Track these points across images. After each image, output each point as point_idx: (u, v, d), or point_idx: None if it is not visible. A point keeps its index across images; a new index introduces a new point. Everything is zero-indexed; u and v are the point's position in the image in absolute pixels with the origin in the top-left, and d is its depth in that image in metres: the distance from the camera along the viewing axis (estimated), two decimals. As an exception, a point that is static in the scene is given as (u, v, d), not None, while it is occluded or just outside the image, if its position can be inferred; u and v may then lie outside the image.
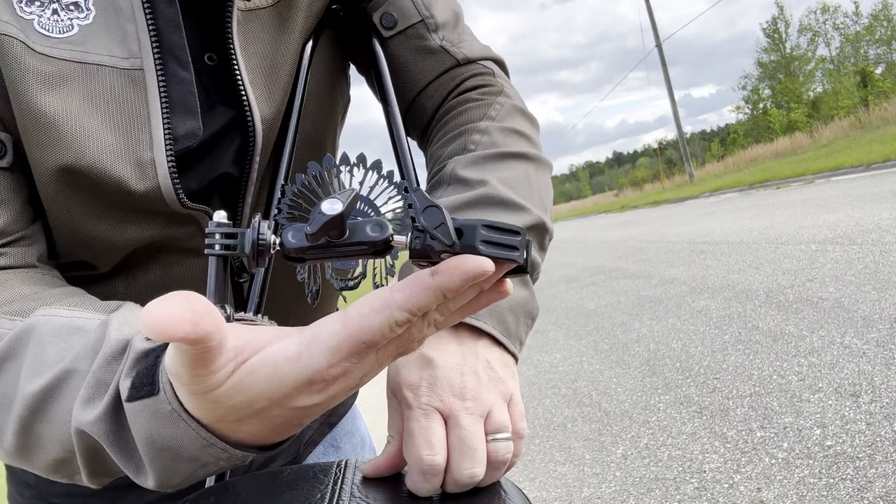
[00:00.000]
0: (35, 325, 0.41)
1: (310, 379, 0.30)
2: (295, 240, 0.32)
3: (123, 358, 0.36)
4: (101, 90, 0.51)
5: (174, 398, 0.33)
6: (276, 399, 0.31)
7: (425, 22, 0.66)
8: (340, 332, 0.30)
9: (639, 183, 52.43)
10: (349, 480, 0.45)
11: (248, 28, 0.59)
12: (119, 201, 0.53)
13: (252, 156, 0.59)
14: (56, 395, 0.38)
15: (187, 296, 0.26)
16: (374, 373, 0.33)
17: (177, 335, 0.25)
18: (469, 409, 0.42)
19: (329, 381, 0.31)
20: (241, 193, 0.61)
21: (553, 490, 2.40)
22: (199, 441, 0.33)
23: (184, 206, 0.54)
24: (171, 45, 0.54)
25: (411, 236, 0.32)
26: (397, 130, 0.64)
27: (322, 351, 0.30)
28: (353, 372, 0.31)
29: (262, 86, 0.59)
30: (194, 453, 0.34)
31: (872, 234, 4.86)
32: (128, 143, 0.52)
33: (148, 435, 0.34)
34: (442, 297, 0.30)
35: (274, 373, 0.30)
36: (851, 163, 11.80)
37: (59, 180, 0.51)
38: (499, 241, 0.31)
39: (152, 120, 0.52)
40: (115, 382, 0.35)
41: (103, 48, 0.51)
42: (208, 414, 0.32)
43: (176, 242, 0.59)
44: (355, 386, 0.33)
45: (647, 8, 28.76)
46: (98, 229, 0.55)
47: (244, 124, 0.58)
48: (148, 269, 0.60)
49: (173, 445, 0.34)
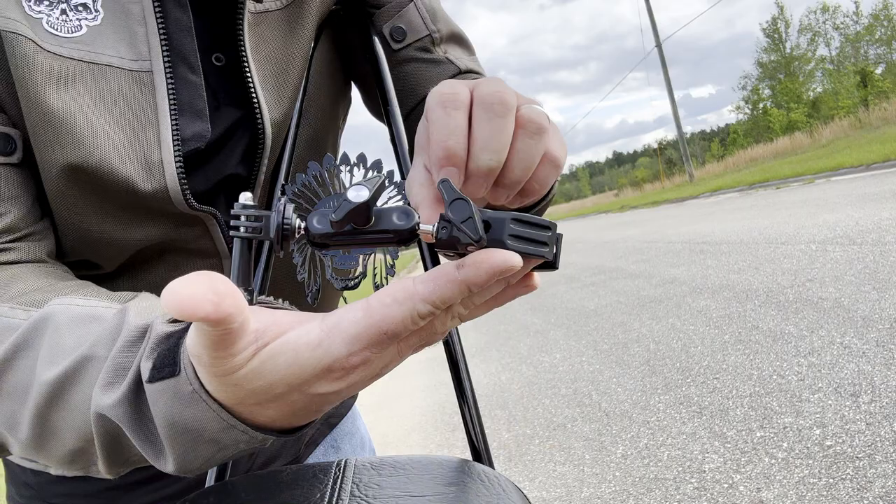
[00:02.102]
0: (51, 314, 0.41)
1: (329, 366, 0.30)
2: (320, 225, 0.32)
3: (143, 342, 0.36)
4: (109, 90, 0.51)
5: (195, 379, 0.32)
6: (296, 385, 0.31)
7: (432, 36, 0.68)
8: (362, 321, 0.30)
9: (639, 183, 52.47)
10: (349, 480, 0.45)
11: (258, 30, 0.59)
12: (126, 201, 0.54)
13: (261, 157, 0.60)
14: (74, 381, 0.38)
15: (210, 276, 0.26)
16: (395, 363, 0.33)
17: (198, 315, 0.25)
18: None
19: (349, 370, 0.31)
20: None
21: (553, 490, 2.40)
22: (220, 423, 0.33)
23: (191, 206, 0.54)
24: (182, 48, 0.55)
25: (437, 226, 0.32)
26: (397, 130, 0.65)
27: (343, 339, 0.30)
28: (374, 361, 0.31)
29: (273, 88, 0.60)
30: (214, 435, 0.34)
31: (872, 234, 4.86)
32: (135, 143, 0.52)
33: (168, 416, 0.34)
34: (467, 290, 0.29)
35: (294, 358, 0.30)
36: (851, 163, 11.80)
37: (67, 178, 0.51)
38: (527, 236, 0.31)
39: (160, 121, 0.52)
40: (136, 365, 0.35)
41: (111, 49, 0.52)
42: (229, 396, 0.32)
43: (182, 243, 0.59)
44: (376, 376, 0.33)
45: (648, 8, 28.77)
46: (104, 229, 0.55)
47: (252, 125, 0.59)
48: (153, 270, 0.60)
49: (194, 427, 0.34)
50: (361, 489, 0.44)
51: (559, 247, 0.33)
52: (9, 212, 0.50)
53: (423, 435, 3.46)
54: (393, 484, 0.45)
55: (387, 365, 0.33)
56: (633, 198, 34.19)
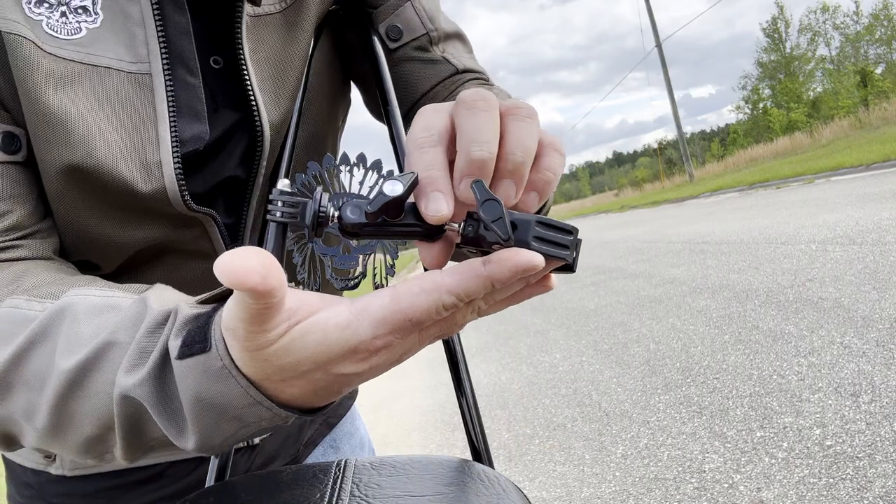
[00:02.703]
0: (69, 304, 0.41)
1: (355, 347, 0.32)
2: (353, 216, 0.33)
3: (167, 326, 0.37)
4: (108, 91, 0.52)
5: (226, 355, 0.33)
6: (322, 363, 0.32)
7: (429, 35, 0.68)
8: (388, 307, 0.31)
9: (639, 183, 52.47)
10: (349, 480, 0.45)
11: (257, 34, 0.60)
12: (125, 202, 0.54)
13: (259, 160, 0.60)
14: (95, 368, 0.38)
15: (259, 251, 0.27)
16: (414, 350, 0.35)
17: (247, 284, 0.26)
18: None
19: (371, 352, 0.32)
20: (246, 197, 0.61)
21: (553, 490, 2.40)
22: (247, 398, 0.34)
23: (189, 208, 0.55)
24: (181, 51, 0.55)
25: (464, 224, 0.33)
26: (397, 130, 0.65)
27: (370, 322, 0.31)
28: (396, 347, 0.33)
29: (271, 90, 0.60)
30: (239, 412, 0.35)
31: (872, 234, 4.86)
32: (134, 144, 0.52)
33: (195, 392, 0.34)
34: (490, 286, 0.31)
35: (323, 338, 0.31)
36: (851, 163, 11.80)
37: (66, 178, 0.52)
38: (550, 239, 0.32)
39: (159, 122, 0.53)
40: (161, 345, 0.36)
41: (111, 51, 0.52)
42: (257, 371, 0.33)
43: (180, 244, 0.59)
44: (396, 361, 0.34)
45: (648, 8, 28.77)
46: (103, 229, 0.55)
47: (251, 127, 0.59)
48: (152, 272, 0.61)
49: (220, 402, 0.34)
50: (361, 489, 0.44)
51: (578, 251, 0.34)
52: (14, 209, 0.51)
53: (423, 435, 3.46)
54: (393, 484, 0.45)
55: (407, 351, 0.34)
56: (633, 198, 34.20)
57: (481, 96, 0.35)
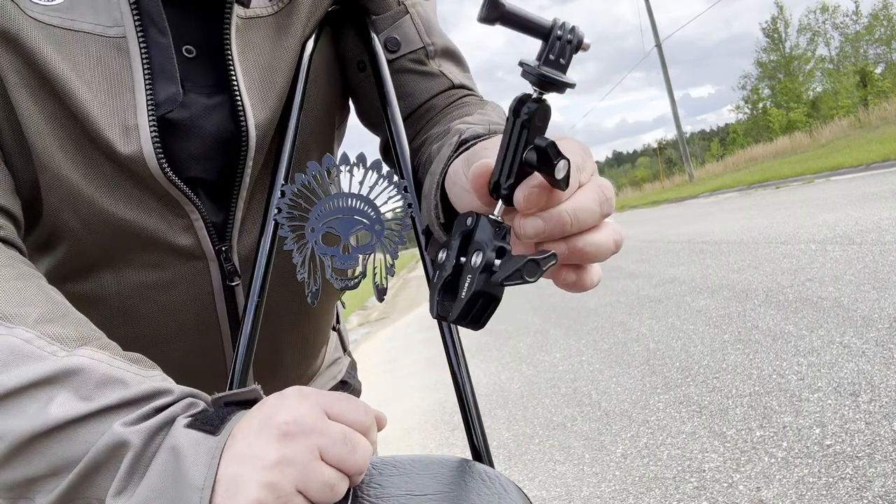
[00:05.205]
0: (79, 367, 0.42)
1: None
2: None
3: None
4: (88, 57, 0.54)
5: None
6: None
7: (426, 49, 0.70)
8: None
9: (638, 183, 52.46)
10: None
11: (246, 36, 0.61)
12: (110, 170, 0.56)
13: (245, 160, 0.61)
14: (93, 415, 0.40)
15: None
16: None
17: None
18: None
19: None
20: (233, 197, 0.62)
21: (553, 489, 2.40)
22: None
23: (167, 176, 0.56)
24: (149, 10, 0.56)
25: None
26: (397, 131, 0.65)
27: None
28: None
29: (258, 92, 0.61)
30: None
31: (872, 233, 4.87)
32: (115, 109, 0.55)
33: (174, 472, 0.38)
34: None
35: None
36: (851, 162, 11.80)
37: (56, 132, 0.54)
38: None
39: (136, 88, 0.55)
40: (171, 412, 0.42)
41: (90, 16, 0.54)
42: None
43: (165, 236, 0.60)
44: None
45: (647, 8, 28.77)
46: (92, 194, 0.57)
47: (236, 128, 0.60)
48: (138, 270, 0.62)
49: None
50: (362, 489, 0.44)
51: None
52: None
53: (423, 435, 3.46)
54: (394, 483, 0.45)
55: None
56: (633, 197, 34.18)
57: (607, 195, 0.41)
